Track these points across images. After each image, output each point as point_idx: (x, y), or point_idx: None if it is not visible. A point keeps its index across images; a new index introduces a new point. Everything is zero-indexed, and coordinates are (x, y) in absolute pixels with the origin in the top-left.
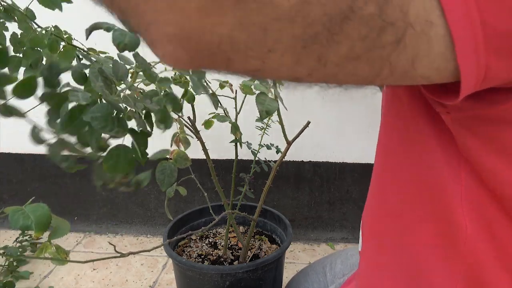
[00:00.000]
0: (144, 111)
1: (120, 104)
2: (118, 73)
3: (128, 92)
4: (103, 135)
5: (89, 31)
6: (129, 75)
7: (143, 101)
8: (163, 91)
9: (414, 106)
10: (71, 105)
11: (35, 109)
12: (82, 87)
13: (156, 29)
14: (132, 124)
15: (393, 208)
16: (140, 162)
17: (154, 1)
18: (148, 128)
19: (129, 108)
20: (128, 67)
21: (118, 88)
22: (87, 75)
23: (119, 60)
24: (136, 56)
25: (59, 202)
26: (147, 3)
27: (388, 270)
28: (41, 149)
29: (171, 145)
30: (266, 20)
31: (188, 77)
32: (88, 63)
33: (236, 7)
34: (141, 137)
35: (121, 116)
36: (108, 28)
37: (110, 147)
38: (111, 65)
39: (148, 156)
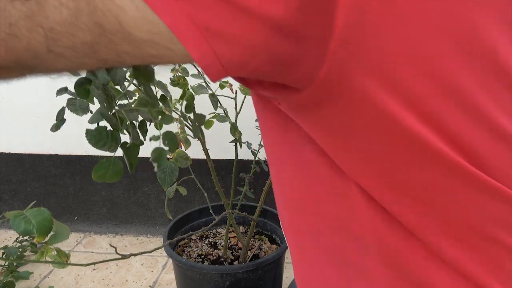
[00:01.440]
0: (139, 121)
1: (116, 118)
2: (116, 78)
3: (123, 101)
4: None
5: None
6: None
7: (139, 110)
8: (161, 130)
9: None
10: None
11: (35, 109)
12: None
13: None
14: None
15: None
16: (129, 171)
17: None
18: (141, 138)
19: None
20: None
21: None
22: (90, 91)
23: None
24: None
25: (59, 202)
26: None
27: None
28: (41, 149)
29: None
30: None
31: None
32: (90, 75)
33: None
34: (132, 151)
35: (115, 130)
36: None
37: (100, 161)
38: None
39: (149, 158)
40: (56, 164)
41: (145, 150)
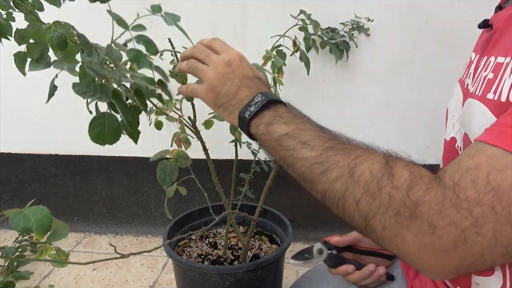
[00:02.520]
0: (133, 90)
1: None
2: (112, 57)
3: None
4: None
5: None
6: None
7: (134, 79)
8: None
9: None
10: None
11: (35, 109)
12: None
13: (420, 268)
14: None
15: None
16: (129, 135)
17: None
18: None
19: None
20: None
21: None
22: (67, 40)
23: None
24: (110, 11)
25: (59, 202)
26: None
27: None
28: (41, 149)
29: (171, 145)
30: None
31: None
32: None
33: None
34: (130, 110)
35: (104, 83)
36: None
37: (93, 117)
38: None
39: (149, 158)
40: (56, 164)
41: (145, 150)
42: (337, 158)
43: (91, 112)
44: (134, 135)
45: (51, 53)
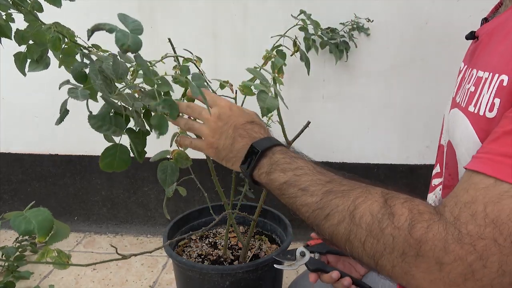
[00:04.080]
0: (143, 110)
1: (119, 103)
2: (118, 71)
3: (127, 91)
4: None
5: (91, 32)
6: (129, 73)
7: (143, 100)
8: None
9: None
10: None
11: (35, 109)
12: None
13: None
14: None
15: None
16: (138, 160)
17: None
18: (147, 127)
19: (128, 107)
20: (128, 65)
21: (119, 86)
22: (87, 74)
23: (119, 58)
24: (137, 57)
25: (59, 202)
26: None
27: None
28: (41, 149)
29: (171, 145)
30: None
31: (188, 78)
32: (88, 61)
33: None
34: (139, 137)
35: (118, 115)
36: (110, 29)
37: (106, 146)
38: (111, 63)
39: (149, 158)
40: (56, 164)
41: (145, 150)
42: (337, 202)
43: (91, 112)
44: (141, 159)
45: (50, 54)
